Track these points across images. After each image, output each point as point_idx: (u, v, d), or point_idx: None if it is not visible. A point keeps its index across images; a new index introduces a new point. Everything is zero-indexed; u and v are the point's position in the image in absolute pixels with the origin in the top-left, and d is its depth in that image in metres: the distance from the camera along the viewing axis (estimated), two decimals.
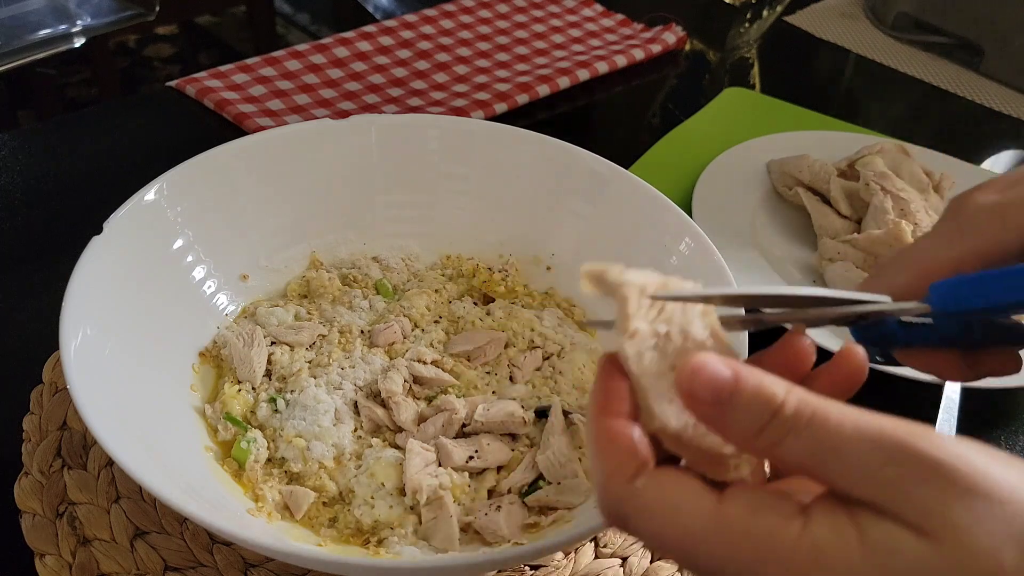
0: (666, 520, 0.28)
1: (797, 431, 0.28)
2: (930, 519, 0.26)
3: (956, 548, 0.26)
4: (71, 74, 2.10)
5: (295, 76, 0.94)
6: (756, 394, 0.29)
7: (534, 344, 0.60)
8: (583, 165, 0.64)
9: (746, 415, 0.29)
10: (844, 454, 0.27)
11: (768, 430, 0.28)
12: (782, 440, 0.28)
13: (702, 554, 0.28)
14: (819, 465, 0.28)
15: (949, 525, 0.26)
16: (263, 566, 0.51)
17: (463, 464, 0.52)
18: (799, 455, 0.28)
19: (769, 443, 0.29)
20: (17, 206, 0.76)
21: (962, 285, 0.37)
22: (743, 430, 0.29)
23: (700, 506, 0.28)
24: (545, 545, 0.43)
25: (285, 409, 0.54)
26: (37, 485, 0.53)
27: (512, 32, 1.08)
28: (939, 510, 0.26)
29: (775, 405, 0.28)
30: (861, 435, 0.27)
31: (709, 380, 0.29)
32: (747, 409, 0.29)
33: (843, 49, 1.17)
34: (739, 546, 0.27)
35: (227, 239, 0.60)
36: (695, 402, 0.29)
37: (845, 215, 0.78)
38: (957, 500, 0.26)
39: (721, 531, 0.28)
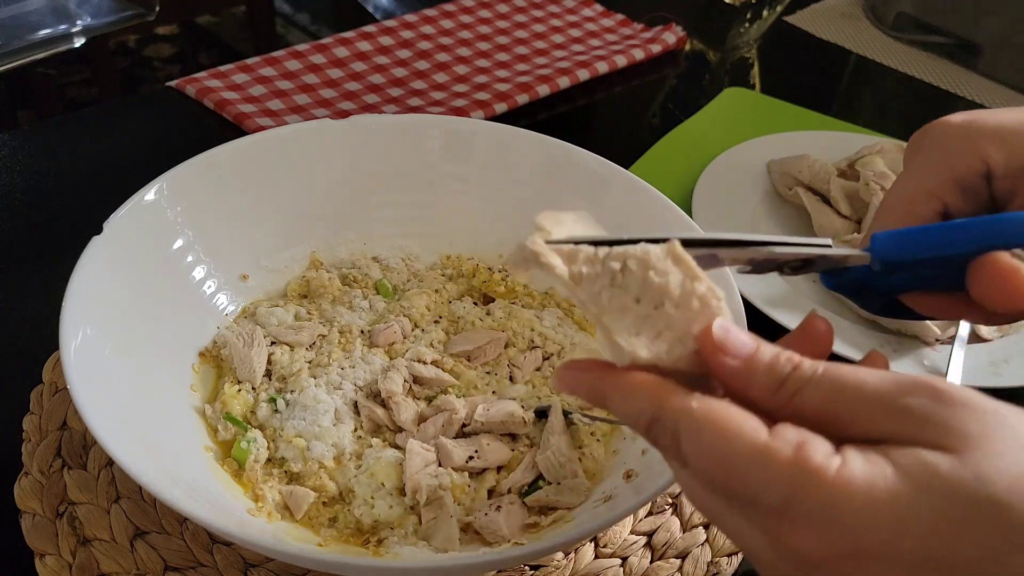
0: (718, 438, 0.29)
1: (815, 381, 0.29)
2: (952, 436, 0.27)
3: (981, 456, 0.27)
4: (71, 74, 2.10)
5: (295, 76, 0.94)
6: (778, 353, 0.31)
7: (534, 344, 0.60)
8: (583, 165, 0.64)
9: (768, 371, 0.30)
10: (861, 394, 0.29)
11: (788, 383, 0.30)
12: (801, 389, 0.30)
13: (746, 478, 0.29)
14: (838, 409, 0.29)
15: (970, 437, 0.27)
16: (263, 566, 0.51)
17: (463, 464, 0.52)
18: (818, 403, 0.29)
19: (788, 394, 0.30)
20: (17, 206, 0.76)
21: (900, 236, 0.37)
22: (765, 383, 0.30)
23: (753, 433, 0.29)
24: (545, 545, 0.43)
25: (285, 409, 0.54)
26: (37, 485, 0.53)
27: (512, 32, 1.08)
28: (956, 427, 0.27)
29: (795, 362, 0.30)
30: (873, 377, 0.29)
31: (737, 338, 0.31)
32: (770, 365, 0.30)
33: (843, 49, 1.17)
34: (785, 476, 0.28)
35: (227, 239, 0.60)
36: (724, 354, 0.31)
37: (845, 215, 0.78)
38: (970, 416, 0.27)
39: (768, 462, 0.28)
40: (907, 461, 0.27)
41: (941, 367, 0.65)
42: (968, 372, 0.65)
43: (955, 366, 0.65)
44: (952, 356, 0.65)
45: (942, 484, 0.26)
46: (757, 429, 0.29)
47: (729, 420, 0.29)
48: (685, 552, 0.54)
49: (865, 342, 0.67)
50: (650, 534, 0.55)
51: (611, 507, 0.47)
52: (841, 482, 0.27)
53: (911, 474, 0.27)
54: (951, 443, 0.27)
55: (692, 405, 0.30)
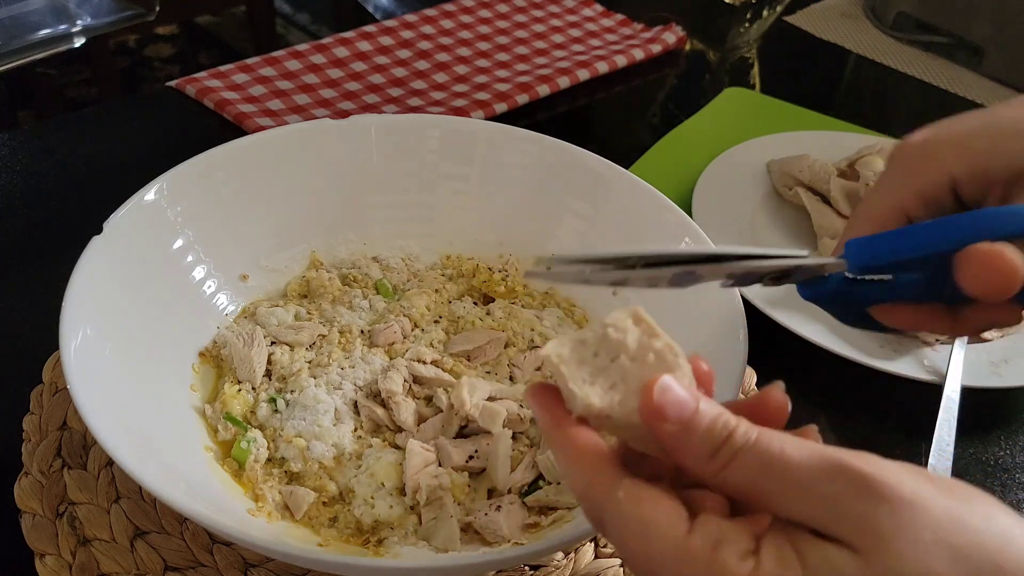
0: (638, 535, 0.30)
1: (743, 454, 0.29)
2: (862, 534, 0.27)
3: (887, 559, 0.27)
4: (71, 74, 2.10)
5: (295, 76, 0.94)
6: (714, 418, 0.30)
7: (534, 344, 0.60)
8: (583, 165, 0.64)
9: (703, 437, 0.30)
10: (785, 473, 0.29)
11: (719, 454, 0.30)
12: (729, 463, 0.30)
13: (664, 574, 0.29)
14: (762, 486, 0.29)
15: (879, 536, 0.27)
16: (263, 566, 0.51)
17: (463, 464, 0.52)
18: (746, 476, 0.29)
19: (718, 466, 0.30)
20: (17, 206, 0.76)
21: (873, 241, 0.38)
22: (698, 451, 0.30)
23: (671, 531, 0.29)
24: (545, 545, 0.43)
25: (285, 409, 0.54)
26: (37, 485, 0.53)
27: (512, 32, 1.08)
28: (870, 523, 0.27)
29: (730, 428, 0.30)
30: (801, 456, 0.29)
31: (676, 399, 0.30)
32: (706, 432, 0.30)
33: (843, 49, 1.17)
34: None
35: (227, 239, 0.60)
36: (661, 419, 0.30)
37: (845, 215, 0.78)
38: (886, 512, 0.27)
39: (685, 560, 0.29)
40: (816, 561, 0.28)
41: (941, 367, 0.65)
42: (968, 372, 0.65)
43: (955, 366, 0.65)
44: (952, 356, 0.65)
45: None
46: (678, 526, 0.29)
47: (653, 515, 0.29)
48: None
49: (866, 342, 0.67)
50: None
51: None
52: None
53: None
54: (861, 542, 0.27)
55: (618, 495, 0.30)
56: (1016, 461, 0.64)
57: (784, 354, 0.67)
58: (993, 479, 0.62)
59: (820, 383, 0.68)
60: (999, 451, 0.64)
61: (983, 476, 0.62)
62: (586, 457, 0.31)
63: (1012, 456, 0.64)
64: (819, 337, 0.66)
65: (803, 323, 0.67)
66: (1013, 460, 0.64)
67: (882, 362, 0.65)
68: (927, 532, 0.27)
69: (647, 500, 0.30)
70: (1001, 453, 0.64)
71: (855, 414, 0.67)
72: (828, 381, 0.68)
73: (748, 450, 0.29)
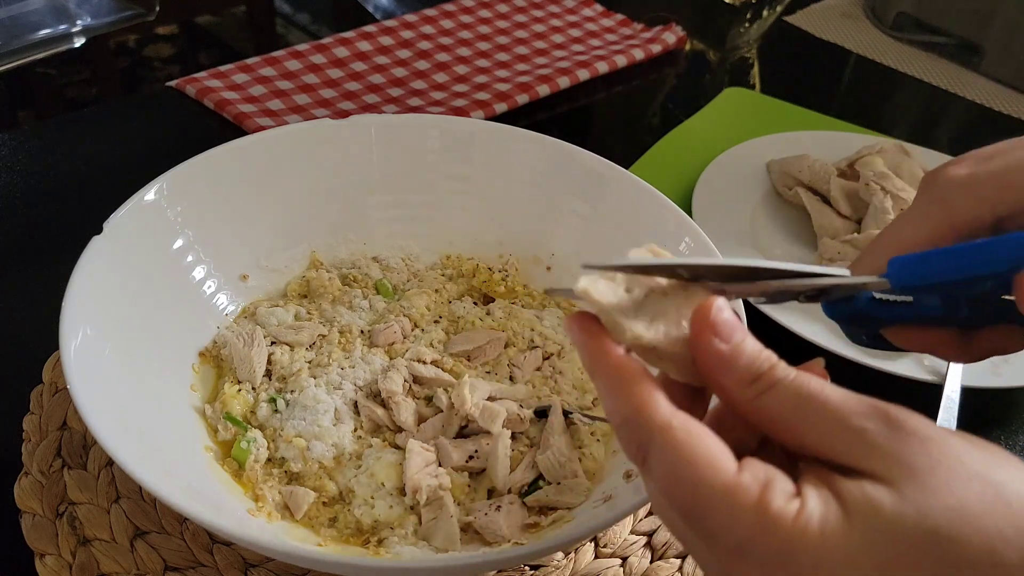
0: (686, 465, 0.29)
1: (783, 384, 0.30)
2: (896, 468, 0.28)
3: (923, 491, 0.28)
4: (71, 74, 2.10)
5: (295, 76, 0.94)
6: (760, 349, 0.31)
7: (534, 344, 0.60)
8: (583, 165, 0.64)
9: (749, 362, 0.31)
10: (821, 408, 0.29)
11: (760, 380, 0.31)
12: (768, 390, 0.30)
13: (711, 513, 0.29)
14: (798, 418, 0.30)
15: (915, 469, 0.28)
16: (263, 566, 0.51)
17: (463, 464, 0.52)
18: (782, 407, 0.30)
19: (756, 392, 0.31)
20: (17, 206, 0.76)
21: (920, 260, 0.37)
22: (740, 375, 0.31)
23: (721, 467, 0.29)
24: (545, 545, 0.43)
25: (285, 409, 0.54)
26: (37, 485, 0.53)
27: (512, 32, 1.08)
28: (903, 458, 0.28)
29: (773, 361, 0.31)
30: (836, 395, 0.30)
31: (729, 321, 0.31)
32: (752, 357, 0.31)
33: (843, 49, 1.17)
34: (740, 518, 0.28)
35: (227, 239, 0.60)
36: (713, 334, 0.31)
37: (845, 215, 0.78)
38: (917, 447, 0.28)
39: (735, 497, 0.29)
40: (855, 498, 0.28)
41: (941, 367, 0.65)
42: (968, 372, 0.65)
43: (955, 366, 0.65)
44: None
45: (887, 524, 0.27)
46: (728, 463, 0.29)
47: (706, 449, 0.29)
48: (685, 552, 0.54)
49: None
50: (650, 534, 0.55)
51: (611, 507, 0.47)
52: (799, 528, 0.28)
53: (860, 513, 0.28)
54: (896, 475, 0.28)
55: (673, 423, 0.30)
56: None
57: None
58: None
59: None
60: None
61: None
62: (637, 384, 0.31)
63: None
64: (819, 337, 0.66)
65: (803, 323, 0.67)
66: None
67: (882, 362, 0.65)
68: (960, 467, 0.28)
69: (700, 433, 0.30)
70: None
71: None
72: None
73: (788, 382, 0.30)
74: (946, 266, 0.36)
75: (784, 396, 0.30)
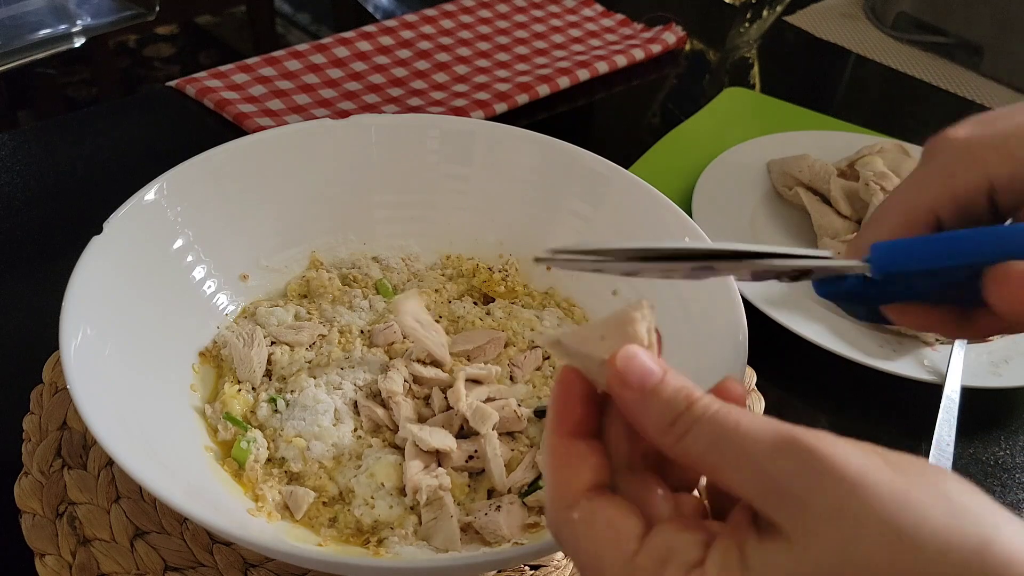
0: (589, 557, 0.30)
1: (701, 423, 0.29)
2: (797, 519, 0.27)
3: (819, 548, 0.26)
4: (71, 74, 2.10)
5: (295, 76, 0.94)
6: (678, 389, 0.30)
7: (534, 344, 0.60)
8: (583, 165, 0.64)
9: (664, 406, 0.30)
10: (737, 447, 0.29)
11: (678, 422, 0.30)
12: (687, 433, 0.30)
13: None
14: (715, 458, 0.29)
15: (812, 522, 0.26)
16: (263, 566, 0.51)
17: (463, 464, 0.52)
18: (700, 449, 0.29)
19: (677, 435, 0.30)
20: (17, 206, 0.76)
21: (901, 247, 0.37)
22: (659, 419, 0.30)
23: (619, 553, 0.30)
24: (545, 545, 0.43)
25: (285, 409, 0.54)
26: (37, 485, 0.53)
27: (512, 32, 1.08)
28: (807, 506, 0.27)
29: (691, 400, 0.30)
30: (753, 429, 0.29)
31: (640, 367, 0.31)
32: (667, 401, 0.30)
33: (843, 49, 1.17)
34: None
35: (227, 239, 0.60)
36: (622, 385, 0.31)
37: (845, 215, 0.78)
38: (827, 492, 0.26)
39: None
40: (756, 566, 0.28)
41: (941, 367, 0.65)
42: (968, 372, 0.65)
43: (955, 366, 0.65)
44: (952, 356, 0.65)
45: None
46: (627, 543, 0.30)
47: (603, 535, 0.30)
48: None
49: (866, 342, 0.67)
50: None
51: None
52: None
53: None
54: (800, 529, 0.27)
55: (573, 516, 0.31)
56: (1016, 461, 0.64)
57: (784, 354, 0.67)
58: (993, 479, 0.62)
59: (820, 383, 0.68)
60: (999, 451, 0.64)
61: (983, 476, 0.62)
62: (556, 473, 0.32)
63: (1012, 456, 0.64)
64: (819, 337, 0.66)
65: (803, 323, 0.67)
66: (1013, 460, 0.64)
67: (882, 362, 0.65)
68: (867, 512, 0.26)
69: (600, 519, 0.30)
70: (1001, 453, 0.64)
71: (855, 414, 0.67)
72: (828, 381, 0.68)
73: (705, 421, 0.29)
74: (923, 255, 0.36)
75: (702, 436, 0.29)
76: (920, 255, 0.37)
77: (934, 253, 0.36)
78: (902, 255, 0.37)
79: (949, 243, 0.36)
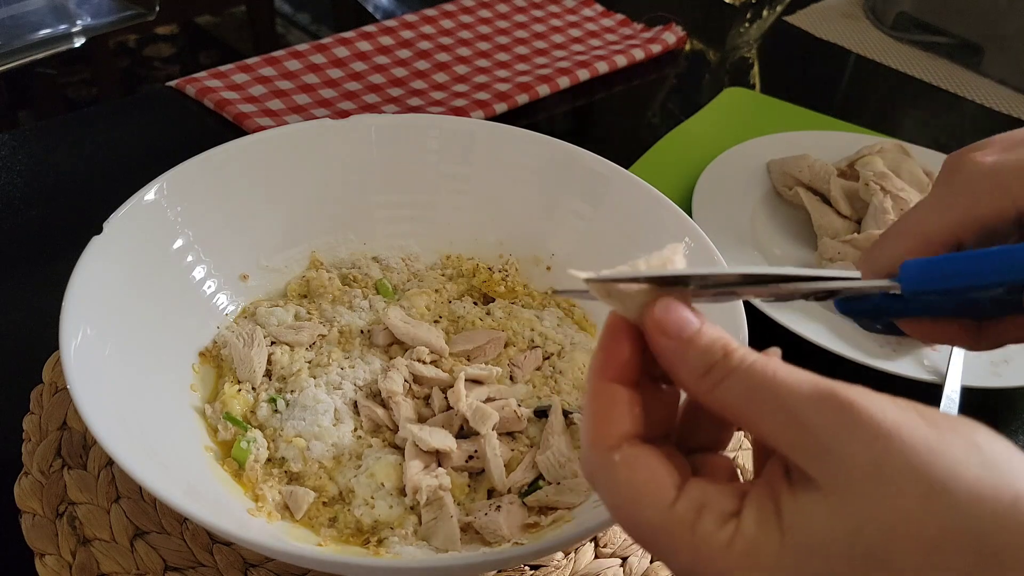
0: (626, 501, 0.30)
1: (738, 372, 0.30)
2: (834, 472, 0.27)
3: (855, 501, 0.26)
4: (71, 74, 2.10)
5: (295, 76, 0.94)
6: (715, 339, 0.31)
7: (534, 344, 0.60)
8: (583, 165, 0.64)
9: (701, 354, 0.31)
10: (773, 397, 0.29)
11: (713, 371, 0.30)
12: (722, 380, 0.30)
13: (651, 543, 0.30)
14: (751, 409, 0.29)
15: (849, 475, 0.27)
16: (263, 566, 0.51)
17: (463, 464, 0.52)
18: (735, 398, 0.30)
19: (712, 383, 0.30)
20: (17, 206, 0.76)
21: (933, 264, 0.37)
22: (694, 368, 0.31)
23: (658, 499, 0.30)
24: (545, 545, 0.43)
25: (285, 409, 0.54)
26: (37, 485, 0.53)
27: (512, 32, 1.08)
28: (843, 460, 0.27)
29: (728, 350, 0.30)
30: (790, 380, 0.29)
31: (678, 316, 0.31)
32: (704, 349, 0.31)
33: (843, 49, 1.17)
34: (680, 547, 0.29)
35: (227, 239, 0.60)
36: (660, 333, 0.31)
37: (845, 215, 0.78)
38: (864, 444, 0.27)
39: (669, 529, 0.29)
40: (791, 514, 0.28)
41: (941, 367, 0.65)
42: (968, 372, 0.65)
43: (955, 366, 0.65)
44: (952, 356, 0.65)
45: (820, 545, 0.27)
46: (665, 492, 0.30)
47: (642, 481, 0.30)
48: None
49: (866, 342, 0.67)
50: None
51: None
52: (731, 555, 0.28)
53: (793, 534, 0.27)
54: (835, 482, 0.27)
55: (614, 458, 0.31)
56: None
57: (784, 354, 0.67)
58: None
59: None
60: None
61: None
62: (598, 414, 0.32)
63: None
64: (819, 337, 0.66)
65: (803, 323, 0.67)
66: None
67: (882, 362, 0.65)
68: (901, 466, 0.26)
69: (641, 466, 0.30)
70: None
71: None
72: None
73: (742, 370, 0.30)
74: (959, 273, 0.36)
75: (738, 385, 0.30)
76: (953, 273, 0.36)
77: (969, 271, 0.36)
78: (936, 274, 0.36)
79: (983, 262, 0.35)
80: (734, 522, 0.28)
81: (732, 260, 0.58)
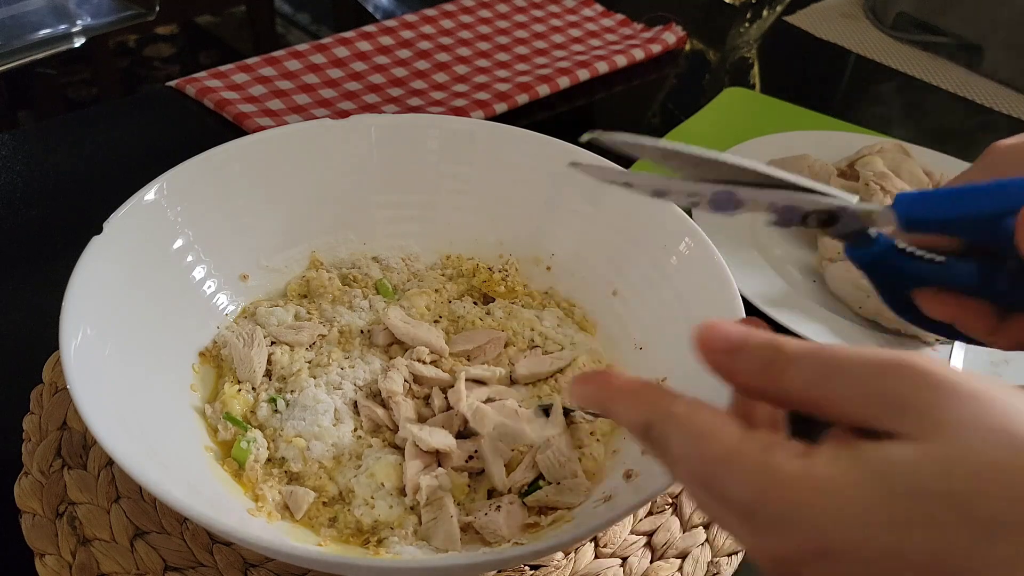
0: (694, 440, 0.30)
1: (799, 362, 0.30)
2: (923, 424, 0.27)
3: (948, 448, 0.26)
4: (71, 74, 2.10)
5: (295, 76, 0.94)
6: (766, 340, 0.31)
7: (534, 344, 0.60)
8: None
9: (754, 353, 0.31)
10: (843, 373, 0.29)
11: (773, 365, 0.30)
12: (785, 371, 0.30)
13: (717, 481, 0.29)
14: (820, 389, 0.29)
15: (942, 426, 0.26)
16: (263, 566, 0.51)
17: (463, 464, 0.52)
18: (801, 382, 0.30)
19: (773, 376, 0.30)
20: (17, 206, 0.76)
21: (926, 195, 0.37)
22: (750, 369, 0.31)
23: (725, 435, 0.30)
24: (545, 545, 0.43)
25: (285, 409, 0.54)
26: (37, 485, 0.53)
27: (512, 32, 1.08)
28: (932, 413, 0.27)
29: (781, 345, 0.31)
30: (857, 356, 0.29)
31: (722, 331, 0.32)
32: (757, 348, 0.31)
33: (843, 49, 1.17)
34: (747, 478, 0.29)
35: (227, 239, 0.60)
36: (708, 350, 0.32)
37: None
38: (947, 403, 0.27)
39: (738, 460, 0.29)
40: (872, 453, 0.27)
41: None
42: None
43: (955, 366, 0.65)
44: (952, 356, 0.65)
45: (905, 479, 0.26)
46: (731, 432, 0.30)
47: (706, 423, 0.30)
48: (685, 552, 0.54)
49: (866, 342, 0.67)
50: (650, 534, 0.55)
51: (611, 507, 0.47)
52: (805, 484, 0.27)
53: (876, 471, 0.27)
54: (922, 432, 0.27)
55: (678, 410, 0.31)
56: None
57: None
58: None
59: None
60: None
61: None
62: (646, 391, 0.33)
63: None
64: (819, 337, 0.66)
65: (803, 323, 0.67)
66: None
67: None
68: (991, 420, 0.26)
69: (703, 412, 0.31)
70: None
71: None
72: None
73: (804, 357, 0.30)
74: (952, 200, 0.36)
75: (804, 370, 0.30)
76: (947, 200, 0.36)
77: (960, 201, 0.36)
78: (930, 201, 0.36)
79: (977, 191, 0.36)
80: (807, 458, 0.28)
81: (732, 260, 0.58)
